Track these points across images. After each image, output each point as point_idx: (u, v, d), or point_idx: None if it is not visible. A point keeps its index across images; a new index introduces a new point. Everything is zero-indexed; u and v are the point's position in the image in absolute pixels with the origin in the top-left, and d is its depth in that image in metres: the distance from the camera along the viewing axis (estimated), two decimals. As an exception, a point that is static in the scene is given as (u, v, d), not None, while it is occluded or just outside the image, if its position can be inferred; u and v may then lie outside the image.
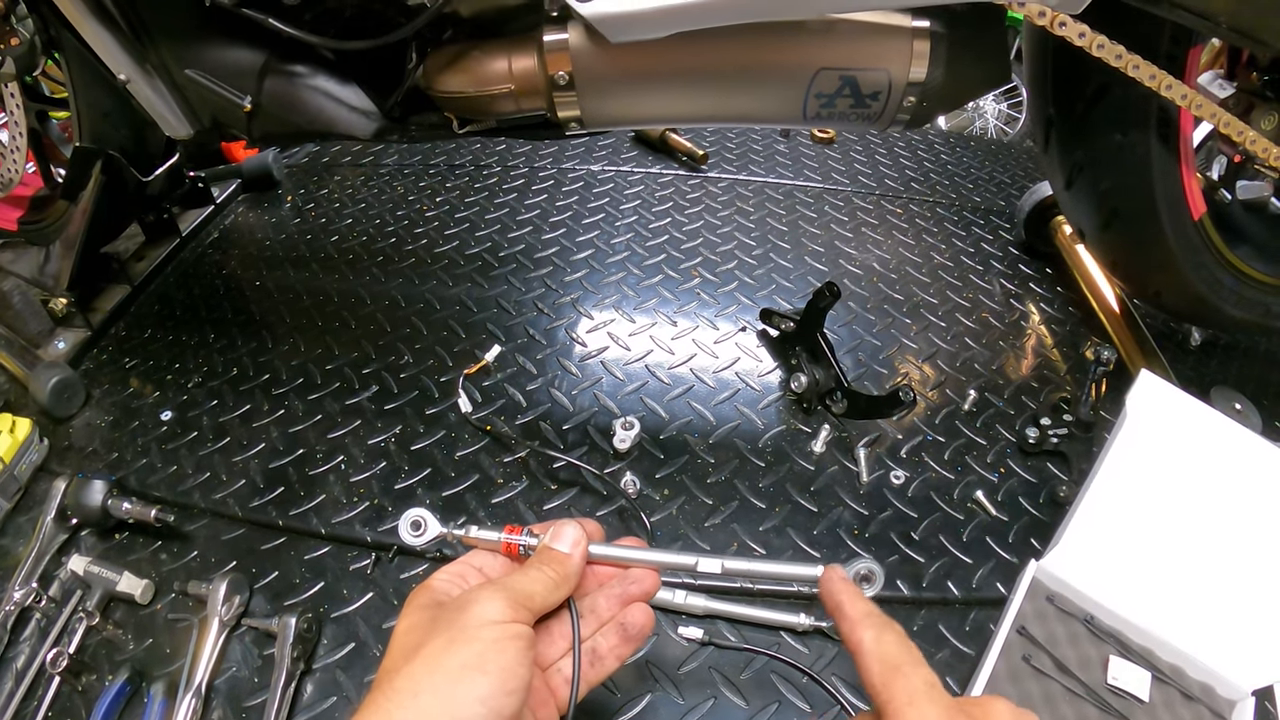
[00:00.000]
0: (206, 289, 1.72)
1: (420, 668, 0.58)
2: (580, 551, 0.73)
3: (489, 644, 0.60)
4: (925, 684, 0.59)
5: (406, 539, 0.78)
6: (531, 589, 0.67)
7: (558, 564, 0.71)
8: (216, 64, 1.13)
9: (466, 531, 0.77)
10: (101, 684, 1.04)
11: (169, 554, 1.19)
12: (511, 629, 0.62)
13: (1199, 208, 1.25)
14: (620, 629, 0.74)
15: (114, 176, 1.44)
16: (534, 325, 1.55)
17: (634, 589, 0.76)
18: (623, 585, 0.76)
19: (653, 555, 0.78)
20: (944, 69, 0.96)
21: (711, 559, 0.78)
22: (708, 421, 1.35)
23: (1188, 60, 1.10)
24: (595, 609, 0.75)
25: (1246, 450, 1.05)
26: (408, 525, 0.78)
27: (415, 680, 0.58)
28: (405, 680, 0.58)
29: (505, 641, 0.61)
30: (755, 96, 1.01)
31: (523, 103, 1.04)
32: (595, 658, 0.73)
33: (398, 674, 0.59)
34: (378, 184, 2.04)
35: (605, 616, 0.75)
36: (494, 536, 0.76)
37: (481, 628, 0.61)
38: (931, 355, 1.49)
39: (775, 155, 2.12)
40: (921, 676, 0.60)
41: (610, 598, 0.76)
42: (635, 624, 0.74)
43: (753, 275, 1.67)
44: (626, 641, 0.74)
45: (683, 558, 0.78)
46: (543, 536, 0.74)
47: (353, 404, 1.40)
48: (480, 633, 0.60)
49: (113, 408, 1.45)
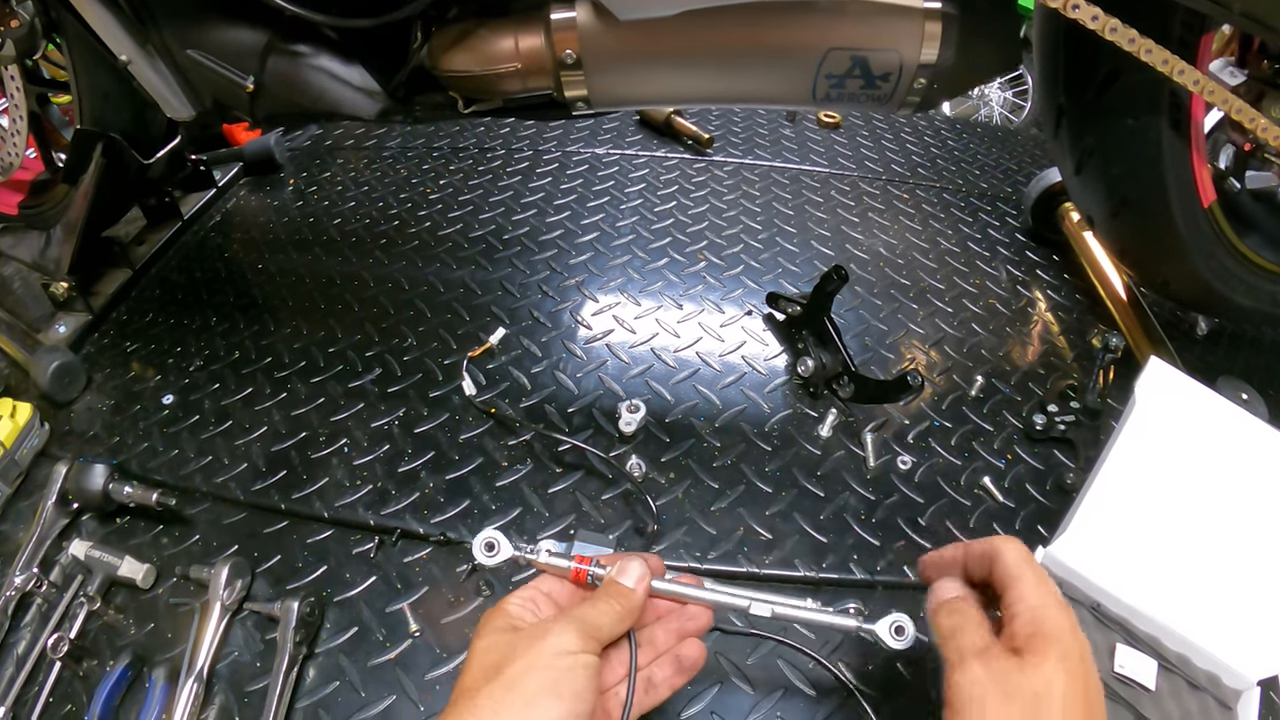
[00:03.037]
0: (208, 272, 1.71)
1: (501, 688, 0.65)
2: (644, 588, 0.78)
3: (563, 671, 0.66)
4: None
5: (481, 559, 0.81)
6: (600, 621, 0.73)
7: (623, 599, 0.76)
8: (218, 44, 1.12)
9: (538, 556, 0.81)
10: (103, 669, 1.03)
11: (170, 538, 1.18)
12: (583, 659, 0.68)
13: (1209, 195, 1.24)
14: (675, 661, 0.80)
15: (115, 159, 1.43)
16: (539, 308, 1.54)
17: (690, 625, 0.82)
18: (680, 620, 0.82)
19: (709, 594, 0.82)
20: (955, 51, 0.95)
21: (763, 603, 0.82)
22: (714, 405, 1.34)
23: (1200, 46, 1.09)
24: (653, 640, 0.81)
25: (1256, 439, 1.04)
26: (482, 546, 0.81)
27: (497, 699, 0.64)
28: (487, 699, 0.64)
29: (577, 670, 0.67)
30: (764, 76, 1.00)
31: (529, 82, 1.03)
32: (650, 686, 0.79)
33: (479, 692, 0.65)
34: (381, 167, 2.03)
35: (662, 648, 0.81)
36: (564, 564, 0.81)
37: (557, 656, 0.67)
38: (938, 341, 1.48)
39: (781, 140, 2.11)
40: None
41: (668, 631, 0.82)
42: (689, 658, 0.80)
43: (758, 259, 1.66)
44: (680, 673, 0.80)
45: (736, 600, 0.82)
46: (610, 569, 0.79)
47: (355, 387, 1.39)
48: (556, 660, 0.67)
49: (114, 392, 1.44)
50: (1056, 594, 0.74)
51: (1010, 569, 0.76)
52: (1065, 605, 0.73)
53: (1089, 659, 0.69)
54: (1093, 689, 0.68)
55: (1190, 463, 1.03)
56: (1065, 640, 0.69)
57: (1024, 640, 0.69)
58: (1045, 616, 0.70)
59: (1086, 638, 0.70)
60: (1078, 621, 0.72)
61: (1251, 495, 1.01)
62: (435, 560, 1.13)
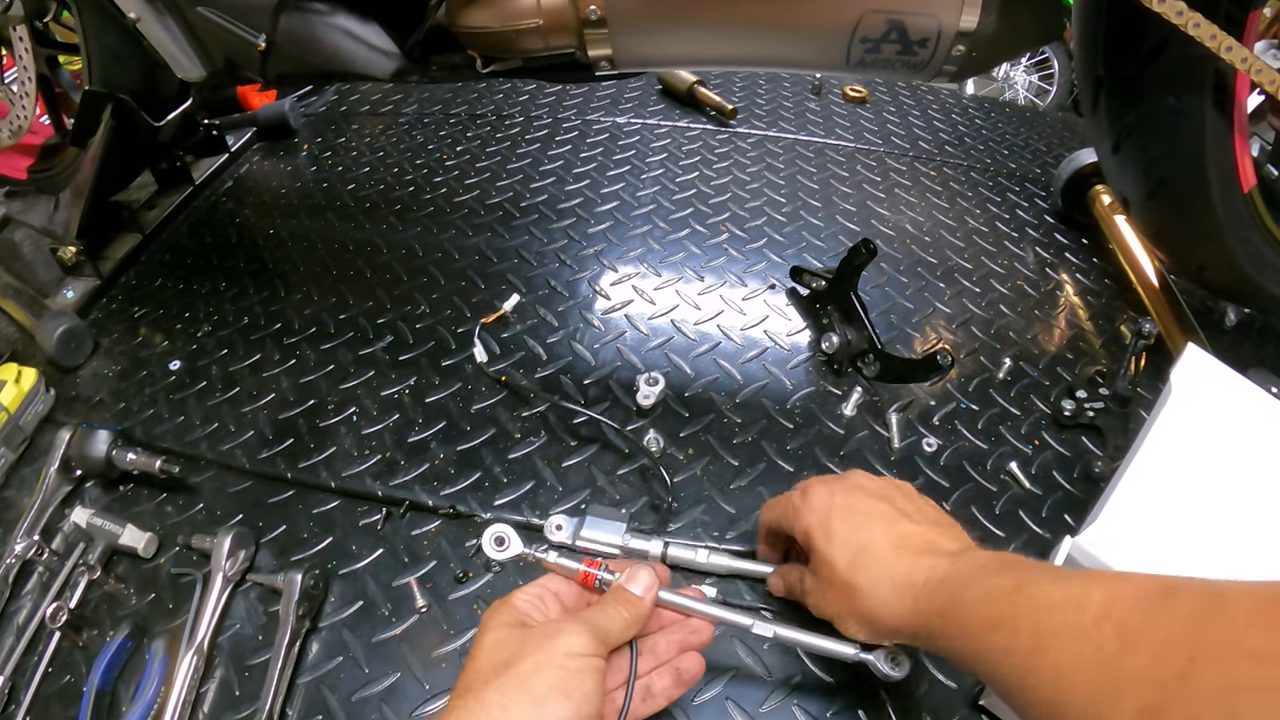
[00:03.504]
0: (219, 238, 1.68)
1: (511, 684, 0.65)
2: (651, 596, 0.79)
3: (572, 673, 0.67)
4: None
5: (490, 553, 0.83)
6: (609, 626, 0.74)
7: (632, 606, 0.77)
8: (230, 1, 1.09)
9: (548, 556, 0.82)
10: (102, 639, 1.01)
11: (174, 506, 1.16)
12: (591, 662, 0.69)
13: (1249, 180, 1.19)
14: (675, 673, 0.81)
15: (124, 121, 1.40)
16: (555, 277, 1.51)
17: (692, 638, 0.83)
18: (683, 633, 0.83)
19: (714, 610, 0.84)
20: (997, 18, 0.91)
21: (765, 625, 0.84)
22: (734, 380, 1.30)
23: (1247, 24, 1.04)
24: (655, 650, 0.82)
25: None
26: (491, 540, 0.83)
27: (506, 695, 0.64)
28: (496, 694, 0.65)
29: (587, 673, 0.68)
30: (796, 39, 0.96)
31: (551, 40, 1.00)
32: (648, 695, 0.80)
33: (488, 686, 0.65)
34: (396, 133, 2.00)
35: (663, 658, 0.82)
36: (574, 566, 0.82)
37: (568, 657, 0.68)
38: (965, 321, 1.44)
39: (806, 113, 2.06)
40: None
41: (670, 642, 0.82)
42: (689, 671, 0.82)
43: (782, 232, 1.62)
44: (678, 685, 0.81)
45: (740, 617, 0.84)
46: (618, 575, 0.80)
47: (366, 354, 1.36)
48: (567, 662, 0.68)
49: (120, 357, 1.42)
50: (790, 499, 0.90)
51: (771, 522, 0.95)
52: (801, 497, 0.88)
53: (834, 504, 0.84)
54: (847, 515, 0.83)
55: (1227, 454, 0.99)
56: (815, 521, 0.84)
57: (807, 552, 0.85)
58: (800, 526, 0.86)
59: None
60: (810, 492, 0.88)
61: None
62: (444, 534, 1.10)
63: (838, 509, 0.83)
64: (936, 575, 0.72)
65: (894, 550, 0.77)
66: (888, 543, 0.78)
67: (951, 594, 0.70)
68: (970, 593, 0.68)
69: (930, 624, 0.71)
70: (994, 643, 0.63)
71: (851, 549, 0.79)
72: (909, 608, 0.73)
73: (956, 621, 0.68)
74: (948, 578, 0.71)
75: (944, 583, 0.71)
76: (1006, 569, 0.68)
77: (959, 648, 0.68)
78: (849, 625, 0.80)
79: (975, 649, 0.65)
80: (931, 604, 0.71)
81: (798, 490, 0.89)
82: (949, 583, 0.71)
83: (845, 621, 0.80)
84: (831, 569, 0.79)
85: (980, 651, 0.65)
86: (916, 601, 0.73)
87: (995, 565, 0.70)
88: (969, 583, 0.69)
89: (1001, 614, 0.64)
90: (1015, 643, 0.61)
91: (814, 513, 0.84)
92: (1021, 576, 0.65)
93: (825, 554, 0.80)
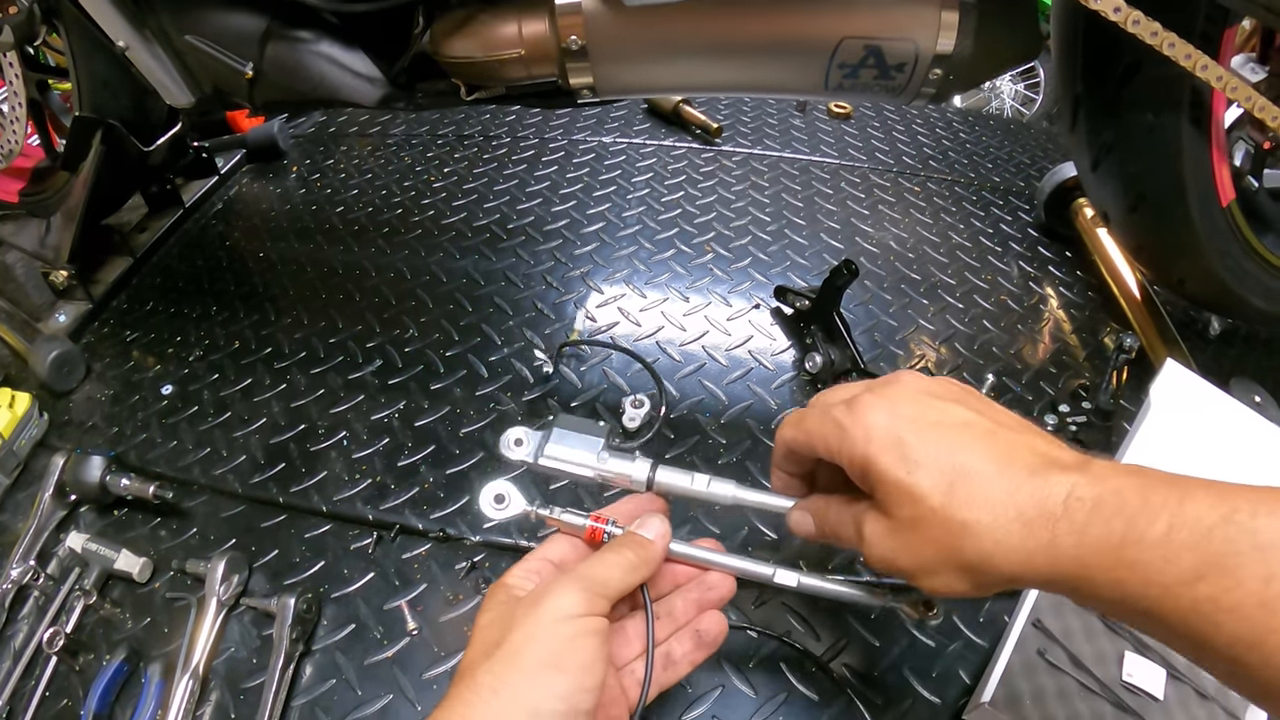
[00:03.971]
0: (210, 261, 1.70)
1: (500, 664, 0.59)
2: (664, 542, 0.72)
3: (565, 641, 0.60)
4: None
5: (489, 512, 0.77)
6: (608, 575, 0.66)
7: (638, 546, 0.69)
8: (217, 29, 1.10)
9: (550, 511, 0.75)
10: (99, 664, 1.02)
11: (168, 531, 1.17)
12: (588, 624, 0.62)
13: (1228, 194, 1.21)
14: (695, 635, 0.74)
15: (114, 146, 1.41)
16: (542, 299, 1.52)
17: (711, 595, 0.75)
18: (700, 590, 0.75)
19: (732, 561, 0.76)
20: (973, 41, 0.93)
21: (788, 571, 0.76)
22: (719, 400, 1.32)
23: (1223, 41, 1.06)
24: (671, 611, 0.75)
25: (1273, 445, 1.02)
26: (491, 498, 0.77)
27: (496, 675, 0.58)
28: (486, 675, 0.59)
29: (581, 639, 0.61)
30: (776, 65, 0.98)
31: (533, 69, 1.01)
32: (669, 662, 0.73)
33: (478, 668, 0.59)
34: (384, 154, 2.01)
35: (681, 620, 0.75)
36: (579, 522, 0.74)
37: (558, 623, 0.61)
38: (949, 337, 1.45)
39: (791, 130, 2.08)
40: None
41: (687, 602, 0.75)
42: (710, 632, 0.74)
43: (767, 251, 1.64)
44: (700, 648, 0.74)
45: (760, 568, 0.76)
46: (628, 528, 0.73)
47: (356, 378, 1.37)
48: (557, 629, 0.61)
49: (113, 381, 1.43)
50: (829, 416, 0.66)
51: (799, 444, 0.70)
52: (846, 411, 0.65)
53: (897, 417, 0.62)
54: (923, 427, 0.61)
55: (1206, 468, 1.01)
56: (880, 444, 0.61)
57: (866, 485, 0.63)
58: (849, 452, 0.63)
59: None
60: (857, 404, 0.64)
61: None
62: (434, 557, 1.11)
63: (907, 423, 0.61)
64: (1081, 498, 0.53)
65: (1006, 469, 0.57)
66: (994, 461, 0.57)
67: (1116, 529, 0.51)
68: (1155, 527, 0.50)
69: (1083, 568, 0.52)
70: (1202, 596, 0.48)
71: (946, 474, 0.58)
72: (1044, 546, 0.54)
73: (1133, 566, 0.50)
74: (1100, 502, 0.52)
75: (1098, 509, 0.52)
76: (1193, 492, 0.51)
77: (1137, 602, 0.51)
78: (943, 578, 0.59)
79: (1169, 605, 0.49)
80: (1084, 539, 0.52)
81: (837, 403, 0.66)
82: (1105, 509, 0.52)
83: (938, 573, 0.59)
84: (918, 504, 0.58)
85: (1179, 610, 0.49)
86: (1057, 537, 0.53)
87: (1165, 484, 0.52)
88: (1143, 511, 0.51)
89: (1209, 557, 0.48)
90: (1236, 596, 0.47)
91: (874, 431, 0.62)
92: (1229, 503, 0.49)
93: (906, 485, 0.59)
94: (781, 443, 0.74)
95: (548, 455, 0.81)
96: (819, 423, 0.67)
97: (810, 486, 0.78)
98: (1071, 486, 0.54)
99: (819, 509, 0.72)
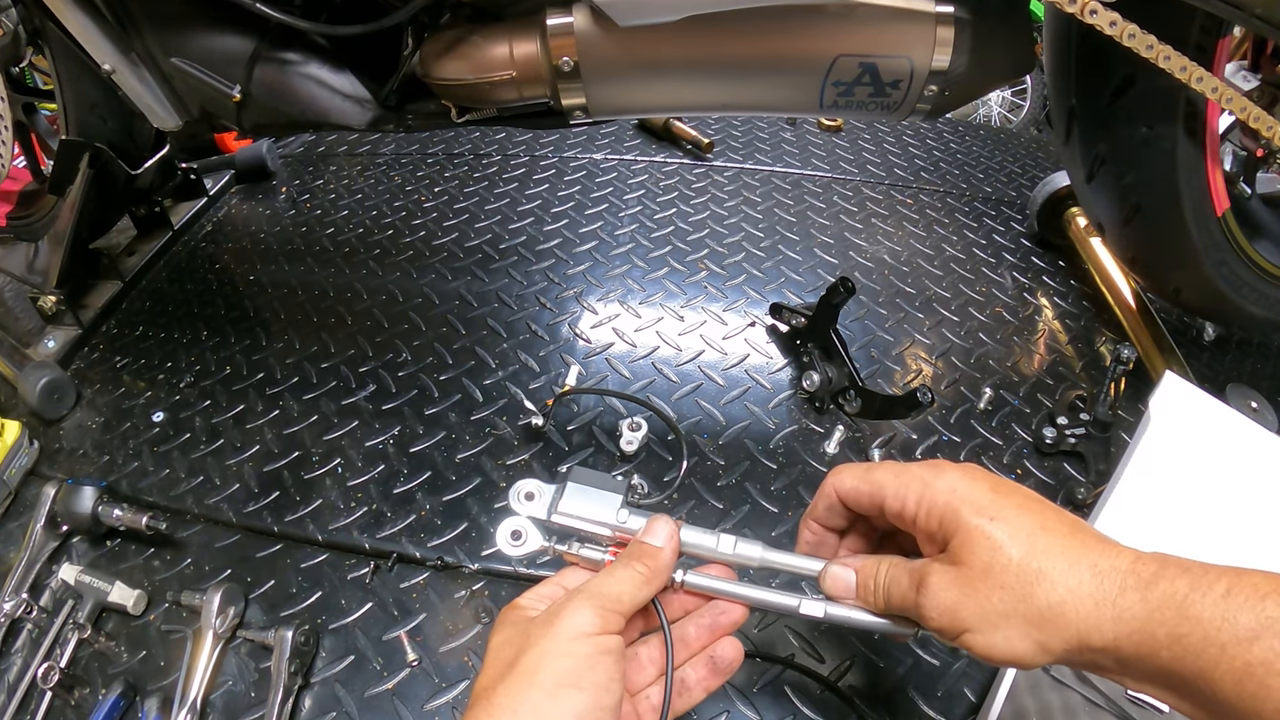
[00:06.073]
0: (199, 284, 1.68)
1: (516, 684, 0.59)
2: (672, 546, 0.71)
3: (581, 659, 0.60)
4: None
5: (505, 549, 0.75)
6: (620, 590, 0.66)
7: (648, 557, 0.69)
8: (204, 52, 1.09)
9: (569, 548, 0.75)
10: (95, 698, 1.01)
11: (161, 561, 1.16)
12: (603, 642, 0.62)
13: (1223, 203, 1.21)
14: (710, 661, 0.73)
15: (102, 170, 1.40)
16: (536, 320, 1.51)
17: (723, 620, 0.74)
18: (712, 615, 0.74)
19: (755, 593, 0.74)
20: (968, 57, 0.92)
21: (814, 601, 0.72)
22: (717, 421, 1.31)
23: (1217, 51, 1.06)
24: (684, 638, 0.74)
25: (1274, 456, 1.02)
26: (507, 534, 0.76)
27: (513, 696, 0.58)
28: (503, 696, 0.59)
29: (597, 657, 0.61)
30: (770, 85, 0.97)
31: (525, 90, 1.00)
32: (683, 688, 0.72)
33: (495, 690, 0.59)
34: (374, 174, 2.00)
35: (695, 647, 0.74)
36: (598, 557, 0.73)
37: (573, 641, 0.61)
38: (945, 351, 1.45)
39: (782, 144, 2.08)
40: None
41: (700, 627, 0.74)
42: (725, 658, 0.73)
43: (761, 268, 1.63)
44: (715, 675, 0.73)
45: (785, 600, 0.73)
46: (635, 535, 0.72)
47: (349, 404, 1.36)
48: (572, 647, 0.61)
49: (104, 409, 1.41)
50: (910, 471, 0.68)
51: (861, 494, 0.71)
52: (929, 469, 0.67)
53: (978, 481, 0.64)
54: (1004, 492, 0.63)
55: (1206, 480, 1.00)
56: (963, 497, 0.63)
57: (940, 535, 0.64)
58: (930, 502, 0.65)
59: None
60: (941, 467, 0.67)
61: (1269, 514, 0.98)
62: (433, 586, 1.10)
63: (988, 486, 0.63)
64: (1146, 561, 0.56)
65: (1078, 534, 0.59)
66: (1066, 526, 0.60)
67: (1180, 587, 0.53)
68: (1216, 588, 0.52)
69: (1148, 622, 0.54)
70: (1256, 659, 0.49)
71: (1027, 529, 0.59)
72: (1112, 598, 0.55)
73: (1196, 621, 0.52)
74: (1165, 564, 0.55)
75: (1163, 570, 0.55)
76: (1247, 568, 0.54)
77: (1195, 660, 0.52)
78: (1004, 632, 0.59)
79: (1224, 666, 0.50)
80: (1150, 595, 0.54)
81: (914, 464, 0.68)
82: (1169, 570, 0.54)
83: (1000, 627, 0.59)
84: (996, 551, 0.59)
85: (1233, 670, 0.50)
86: (1125, 591, 0.55)
87: (1199, 567, 0.54)
88: (1204, 575, 0.53)
89: (1265, 620, 0.50)
90: None
91: (960, 486, 0.64)
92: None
93: (987, 532, 0.60)
94: (831, 493, 0.74)
95: (561, 513, 0.76)
96: (895, 475, 0.68)
97: (837, 546, 0.79)
98: (1136, 555, 0.57)
99: (867, 565, 0.71)
